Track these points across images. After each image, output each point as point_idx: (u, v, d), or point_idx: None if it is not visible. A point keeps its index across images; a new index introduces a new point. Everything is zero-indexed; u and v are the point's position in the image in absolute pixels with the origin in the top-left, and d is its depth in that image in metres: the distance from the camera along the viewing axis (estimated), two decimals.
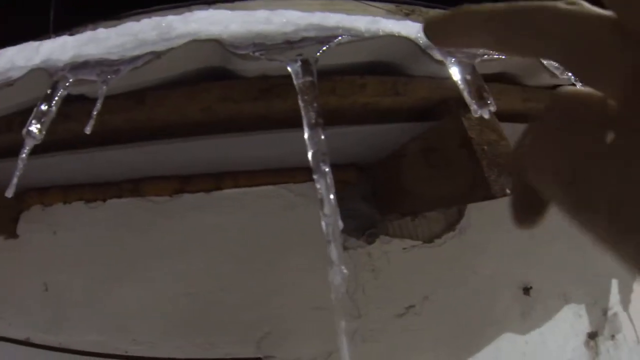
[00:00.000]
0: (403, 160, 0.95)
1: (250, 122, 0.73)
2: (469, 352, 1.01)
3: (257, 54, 0.62)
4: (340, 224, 0.55)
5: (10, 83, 0.81)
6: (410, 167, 0.94)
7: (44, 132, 0.65)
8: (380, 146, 0.95)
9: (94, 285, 1.04)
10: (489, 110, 0.62)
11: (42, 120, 0.66)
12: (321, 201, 0.55)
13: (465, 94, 0.63)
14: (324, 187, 0.54)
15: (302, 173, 0.99)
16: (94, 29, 1.20)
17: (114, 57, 0.72)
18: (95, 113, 0.62)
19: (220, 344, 0.96)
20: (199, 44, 0.65)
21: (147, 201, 1.03)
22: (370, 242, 0.98)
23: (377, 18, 0.76)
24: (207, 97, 0.72)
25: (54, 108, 0.66)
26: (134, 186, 1.04)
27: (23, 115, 0.89)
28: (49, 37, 1.26)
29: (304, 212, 0.98)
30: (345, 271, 0.55)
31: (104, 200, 1.07)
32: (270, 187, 0.98)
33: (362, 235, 0.98)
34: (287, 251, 0.97)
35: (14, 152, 0.94)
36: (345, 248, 0.98)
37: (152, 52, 0.66)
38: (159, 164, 1.01)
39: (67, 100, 0.78)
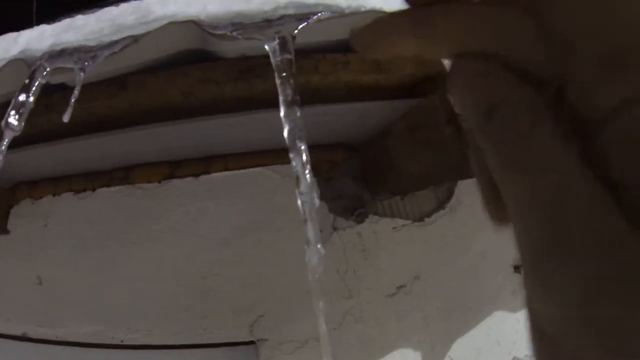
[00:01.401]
0: (390, 138, 0.95)
1: (232, 103, 0.73)
2: (460, 330, 1.02)
3: (234, 33, 0.61)
4: (317, 202, 0.55)
5: None
6: (398, 145, 0.94)
7: (22, 124, 0.65)
8: (368, 125, 0.95)
9: (87, 276, 1.04)
10: None
11: (21, 111, 0.66)
12: (297, 179, 0.55)
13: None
14: (300, 164, 0.54)
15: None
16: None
17: (92, 43, 0.71)
18: (73, 101, 0.62)
19: (214, 329, 0.97)
20: (176, 26, 0.65)
21: (137, 189, 1.02)
22: (359, 222, 0.98)
23: None
24: (187, 80, 0.71)
25: (32, 98, 0.65)
26: (124, 174, 1.04)
27: (4, 107, 0.89)
28: (34, 25, 1.25)
29: (292, 194, 0.98)
30: (322, 251, 0.55)
31: (93, 190, 1.07)
32: (259, 169, 0.98)
33: (351, 216, 0.98)
34: (278, 233, 0.97)
35: (10, 145, 0.94)
36: (334, 228, 0.98)
37: (130, 37, 0.65)
38: (147, 151, 1.01)
39: (48, 90, 0.78)
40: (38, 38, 0.82)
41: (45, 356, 1.08)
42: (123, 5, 0.83)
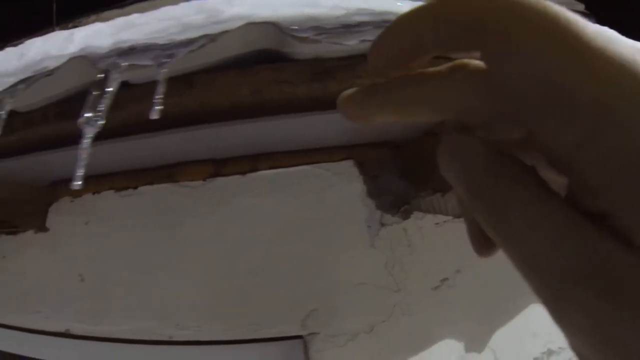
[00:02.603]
0: (434, 137, 0.97)
1: (303, 104, 0.74)
2: (500, 321, 1.06)
3: (317, 36, 0.63)
4: None
5: (48, 72, 0.80)
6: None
7: (103, 120, 0.66)
8: (413, 125, 0.97)
9: (131, 273, 1.05)
10: None
11: (98, 107, 0.66)
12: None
13: None
14: None
15: (339, 152, 1.01)
16: (100, 19, 1.19)
17: (160, 41, 0.72)
18: (158, 97, 0.63)
19: (265, 325, 0.98)
20: (254, 26, 0.66)
21: (181, 186, 1.03)
22: (405, 218, 1.00)
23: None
24: (257, 80, 0.73)
25: (108, 94, 0.66)
26: (168, 172, 1.04)
27: (60, 105, 0.88)
28: (53, 30, 1.25)
29: (341, 191, 1.00)
30: None
31: (136, 187, 1.08)
32: (306, 167, 1.00)
33: (397, 212, 1.00)
34: (326, 230, 0.99)
35: (51, 144, 0.94)
36: (382, 224, 1.00)
37: (205, 36, 0.66)
38: (192, 150, 1.01)
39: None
40: (96, 36, 0.82)
41: (89, 352, 1.09)
42: (183, 4, 0.84)
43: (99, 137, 0.97)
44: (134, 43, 0.71)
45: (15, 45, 0.96)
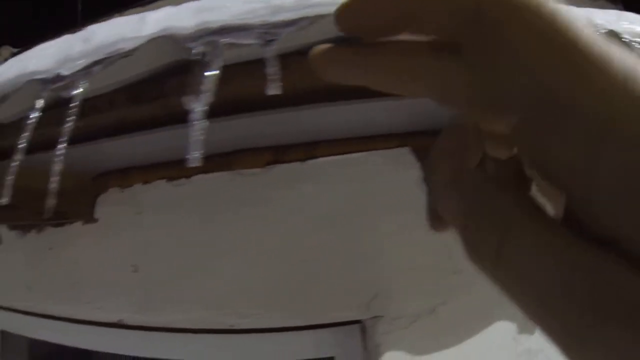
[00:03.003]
0: None
1: (358, 91, 0.75)
2: None
3: None
4: None
5: (126, 53, 0.79)
6: None
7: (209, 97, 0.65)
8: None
9: (187, 263, 1.04)
10: None
11: (200, 87, 0.66)
12: None
13: None
14: None
15: (394, 139, 1.02)
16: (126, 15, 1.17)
17: (253, 22, 0.72)
18: (272, 74, 0.63)
19: (328, 310, 0.99)
20: None
21: (238, 174, 1.03)
22: None
23: None
24: None
25: (211, 75, 0.66)
26: (223, 160, 1.04)
27: (128, 90, 0.87)
28: (78, 29, 1.23)
29: (398, 177, 1.01)
30: None
31: (189, 177, 1.07)
32: (364, 154, 1.01)
33: None
34: (384, 215, 1.00)
35: (119, 130, 0.93)
36: None
37: (306, 18, 0.67)
38: (251, 136, 1.01)
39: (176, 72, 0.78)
40: (174, 18, 0.81)
41: (144, 342, 1.08)
42: None
43: (150, 125, 0.96)
44: (224, 23, 0.71)
45: (73, 33, 0.94)
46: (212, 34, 0.70)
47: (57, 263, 1.14)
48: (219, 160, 1.05)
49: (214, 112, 0.89)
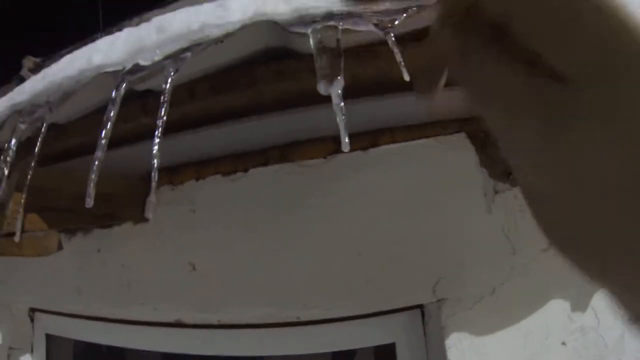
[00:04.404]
0: None
1: None
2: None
3: None
4: None
5: (217, 40, 0.77)
6: None
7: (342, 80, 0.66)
8: None
9: (248, 259, 1.03)
10: None
11: (328, 71, 0.66)
12: None
13: None
14: None
15: (451, 125, 1.05)
16: (143, 21, 1.16)
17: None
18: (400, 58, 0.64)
19: (392, 297, 1.00)
20: None
21: (299, 166, 1.03)
22: (513, 185, 1.06)
23: None
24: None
25: (338, 60, 0.66)
26: (281, 152, 1.04)
27: (212, 79, 0.85)
28: (100, 33, 1.22)
29: (456, 162, 1.04)
30: None
31: (245, 170, 1.06)
32: (423, 141, 1.03)
33: (507, 180, 1.05)
34: (445, 200, 1.02)
35: (197, 122, 0.91)
36: (495, 192, 1.05)
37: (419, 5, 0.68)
38: (307, 129, 1.02)
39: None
40: (261, 2, 0.80)
41: (204, 341, 1.06)
42: None
43: (202, 123, 0.95)
44: (327, 9, 0.71)
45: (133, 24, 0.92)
46: (321, 20, 0.70)
47: (106, 265, 1.10)
48: (275, 152, 1.05)
49: (273, 106, 0.90)
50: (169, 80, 0.73)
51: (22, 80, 1.18)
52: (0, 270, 1.17)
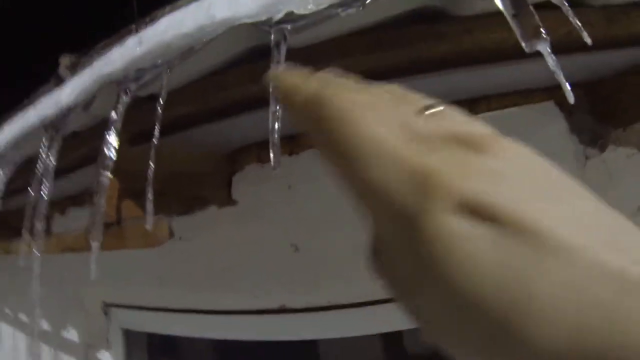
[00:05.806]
0: (619, 79, 1.08)
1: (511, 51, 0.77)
2: None
3: None
4: None
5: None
6: (629, 85, 1.07)
7: None
8: (603, 69, 1.07)
9: (357, 236, 0.98)
10: None
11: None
12: None
13: None
14: None
15: (540, 94, 1.06)
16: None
17: None
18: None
19: None
20: None
21: None
22: (602, 151, 1.09)
23: None
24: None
25: None
26: None
27: (243, 67, 0.78)
28: (133, 28, 1.15)
29: (548, 129, 1.05)
30: None
31: None
32: (516, 108, 1.03)
33: (596, 146, 1.08)
34: None
35: (230, 111, 0.85)
36: (586, 157, 1.08)
37: None
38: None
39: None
40: None
41: (307, 325, 0.99)
42: None
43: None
44: None
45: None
46: None
47: (190, 253, 1.00)
48: None
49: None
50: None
51: (60, 79, 1.05)
52: (69, 263, 1.03)
